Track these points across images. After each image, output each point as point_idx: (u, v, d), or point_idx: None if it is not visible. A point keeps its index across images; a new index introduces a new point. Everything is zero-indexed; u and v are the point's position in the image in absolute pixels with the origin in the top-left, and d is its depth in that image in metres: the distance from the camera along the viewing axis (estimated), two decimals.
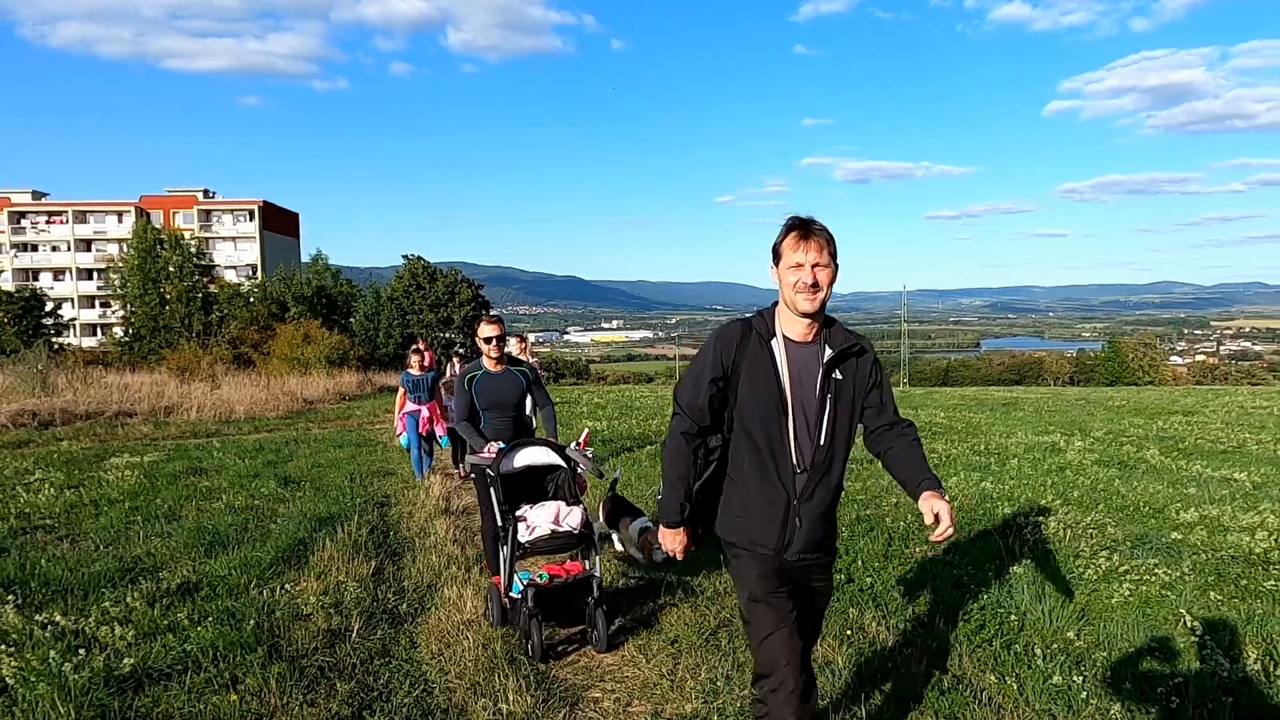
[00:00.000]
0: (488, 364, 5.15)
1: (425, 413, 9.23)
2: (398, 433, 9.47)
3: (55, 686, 3.58)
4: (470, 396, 5.08)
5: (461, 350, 13.69)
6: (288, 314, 45.21)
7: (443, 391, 9.50)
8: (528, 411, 5.43)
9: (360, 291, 56.07)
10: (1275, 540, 5.81)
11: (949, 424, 13.92)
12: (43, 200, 77.22)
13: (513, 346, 9.38)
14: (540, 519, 4.49)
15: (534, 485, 4.82)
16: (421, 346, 9.70)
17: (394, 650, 4.33)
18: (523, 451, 4.68)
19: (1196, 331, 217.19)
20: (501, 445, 4.70)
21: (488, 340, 5.08)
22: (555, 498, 4.79)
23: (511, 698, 3.67)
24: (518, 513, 4.56)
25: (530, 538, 4.42)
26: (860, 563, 5.50)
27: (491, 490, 4.56)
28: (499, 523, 4.48)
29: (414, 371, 9.31)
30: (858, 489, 8.04)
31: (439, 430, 9.38)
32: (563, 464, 4.77)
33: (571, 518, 4.55)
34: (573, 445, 4.87)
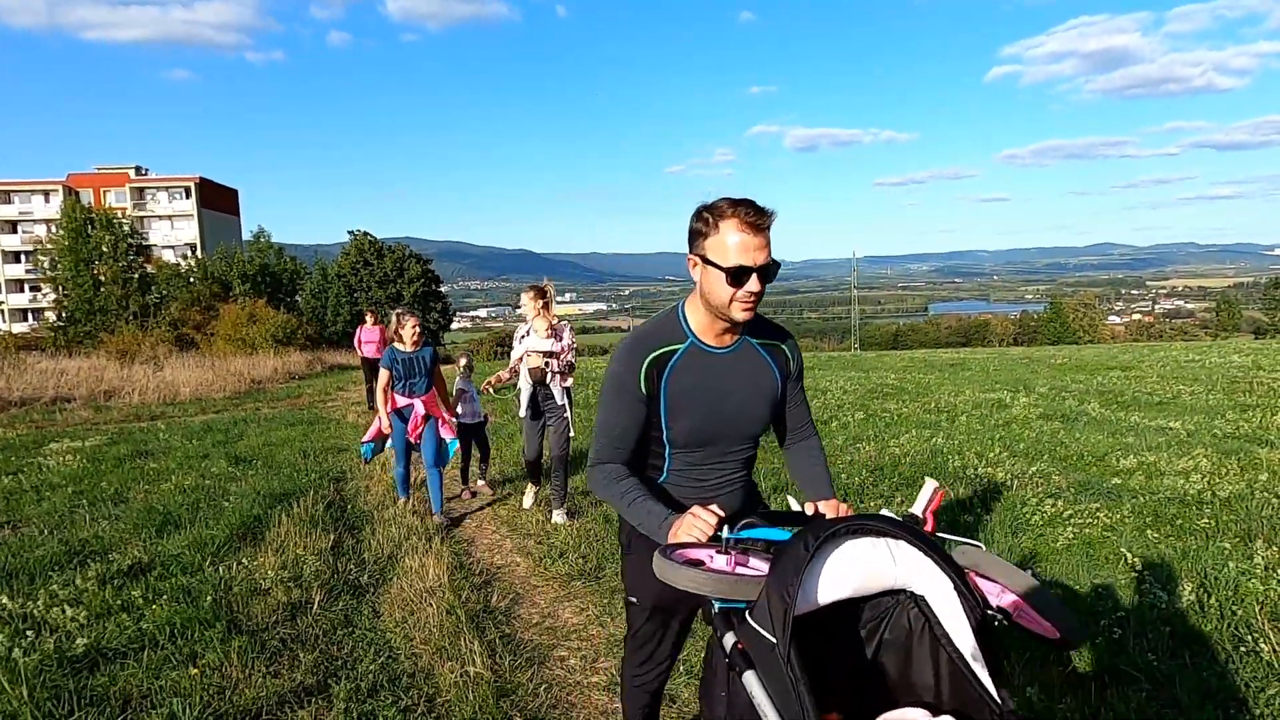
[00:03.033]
0: (697, 321, 2.13)
1: (420, 408, 6.19)
2: (387, 447, 6.60)
3: (3, 669, 3.48)
4: (654, 400, 2.10)
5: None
6: (231, 293, 44.12)
7: (460, 370, 7.17)
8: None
9: (306, 269, 54.90)
10: (1208, 482, 6.08)
11: (900, 385, 14.21)
12: None
13: (526, 305, 6.09)
14: None
15: (843, 638, 1.85)
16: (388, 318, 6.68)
17: (357, 620, 4.30)
18: (838, 555, 1.66)
19: (1134, 292, 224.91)
20: (752, 534, 1.80)
21: (758, 222, 1.97)
22: (893, 670, 1.81)
23: (478, 660, 3.68)
24: None
25: None
26: None
27: (782, 685, 1.48)
28: None
29: (404, 348, 6.16)
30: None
31: (446, 434, 6.37)
32: (938, 585, 1.72)
33: None
34: (918, 507, 2.25)
